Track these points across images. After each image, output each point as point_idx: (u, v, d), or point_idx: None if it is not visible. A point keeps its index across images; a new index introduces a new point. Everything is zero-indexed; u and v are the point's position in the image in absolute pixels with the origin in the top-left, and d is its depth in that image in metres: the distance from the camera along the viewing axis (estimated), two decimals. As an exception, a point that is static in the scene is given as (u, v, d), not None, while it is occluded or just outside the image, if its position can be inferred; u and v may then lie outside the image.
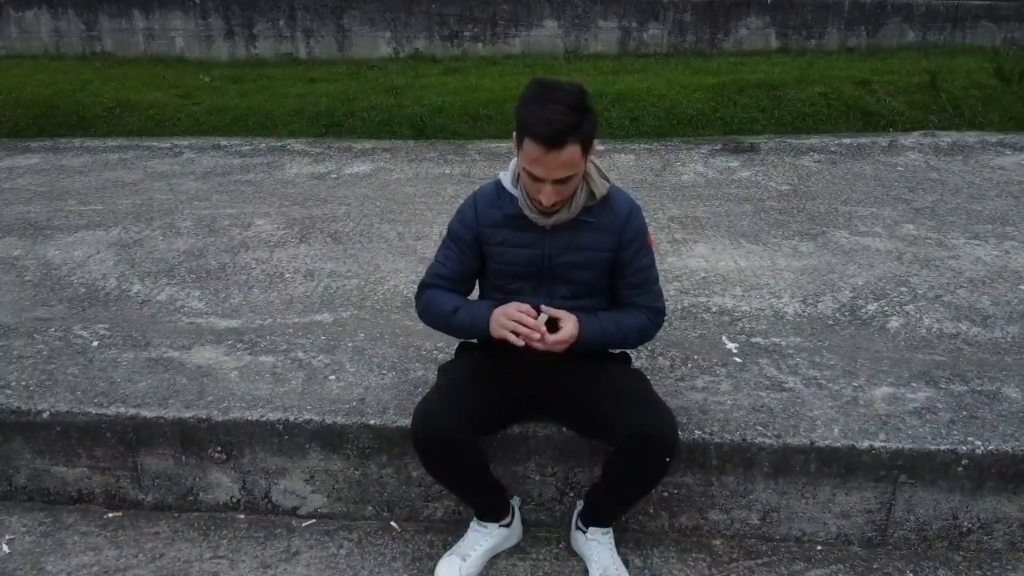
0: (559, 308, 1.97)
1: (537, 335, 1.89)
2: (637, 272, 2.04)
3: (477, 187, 2.16)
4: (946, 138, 5.79)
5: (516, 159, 2.00)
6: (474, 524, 2.14)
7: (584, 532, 2.11)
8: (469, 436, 1.95)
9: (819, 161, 5.25)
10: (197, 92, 7.12)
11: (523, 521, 2.23)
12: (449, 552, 2.10)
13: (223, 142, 5.91)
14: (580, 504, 2.20)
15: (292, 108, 6.59)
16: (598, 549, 2.08)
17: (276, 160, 5.37)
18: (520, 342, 1.90)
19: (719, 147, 5.59)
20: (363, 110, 6.51)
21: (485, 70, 7.78)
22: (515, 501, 2.23)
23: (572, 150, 1.81)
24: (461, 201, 2.15)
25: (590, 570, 2.06)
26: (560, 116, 1.77)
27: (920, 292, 3.17)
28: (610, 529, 2.12)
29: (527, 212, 1.99)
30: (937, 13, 8.91)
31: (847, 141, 5.75)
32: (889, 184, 4.73)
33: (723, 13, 8.72)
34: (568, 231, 2.01)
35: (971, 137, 5.82)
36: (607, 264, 2.03)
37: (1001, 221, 4.06)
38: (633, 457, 1.92)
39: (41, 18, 8.78)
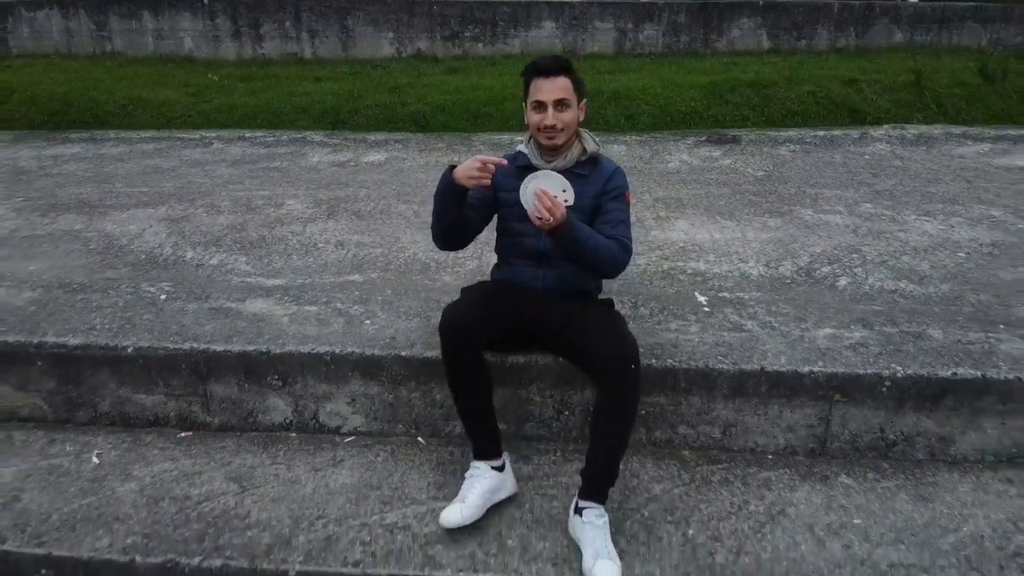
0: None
1: (548, 203, 2.25)
2: (612, 211, 2.51)
3: None
4: (913, 130, 6.24)
5: (527, 136, 2.57)
6: (469, 470, 2.40)
7: (580, 516, 2.24)
8: (481, 332, 2.36)
9: (794, 151, 5.71)
10: (207, 90, 7.35)
11: (521, 463, 2.54)
12: (451, 502, 2.31)
13: (247, 134, 6.34)
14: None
15: (299, 106, 6.83)
16: (592, 533, 2.19)
17: (298, 150, 5.82)
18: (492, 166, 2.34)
19: (703, 138, 6.05)
20: (367, 108, 6.76)
21: (485, 69, 8.06)
22: (506, 456, 2.47)
23: (564, 80, 2.46)
24: None
25: (584, 554, 2.16)
26: (552, 58, 2.51)
27: (869, 258, 3.64)
28: (605, 514, 2.25)
29: (534, 160, 2.53)
30: (924, 14, 9.19)
31: (821, 133, 6.18)
32: (855, 170, 5.18)
33: (716, 14, 8.99)
34: None
35: (937, 129, 6.26)
36: (593, 209, 2.51)
37: (952, 201, 4.51)
38: (606, 377, 2.26)
39: (52, 18, 9.02)
